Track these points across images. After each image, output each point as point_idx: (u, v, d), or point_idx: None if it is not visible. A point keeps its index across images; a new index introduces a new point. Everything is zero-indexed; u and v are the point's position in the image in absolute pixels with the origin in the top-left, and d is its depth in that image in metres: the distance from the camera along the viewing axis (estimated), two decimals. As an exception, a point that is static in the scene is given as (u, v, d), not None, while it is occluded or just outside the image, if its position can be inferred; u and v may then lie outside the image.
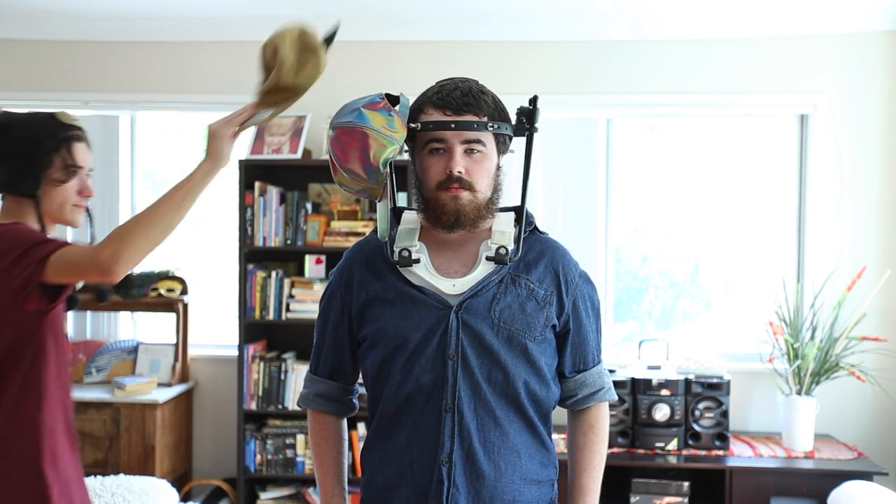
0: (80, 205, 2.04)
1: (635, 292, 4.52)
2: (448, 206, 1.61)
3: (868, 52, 4.09)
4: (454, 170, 1.59)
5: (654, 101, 4.21)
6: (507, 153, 1.71)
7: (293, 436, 3.98)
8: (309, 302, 3.98)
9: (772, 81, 4.14)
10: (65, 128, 1.96)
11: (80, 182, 2.02)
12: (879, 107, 4.09)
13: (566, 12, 4.06)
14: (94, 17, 4.22)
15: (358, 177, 1.61)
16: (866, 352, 3.94)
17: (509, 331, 1.62)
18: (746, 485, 3.61)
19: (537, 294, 1.65)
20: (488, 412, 1.61)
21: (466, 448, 1.60)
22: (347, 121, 1.60)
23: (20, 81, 4.40)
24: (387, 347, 1.64)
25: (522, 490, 1.64)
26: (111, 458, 3.96)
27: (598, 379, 1.74)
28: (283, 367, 4.01)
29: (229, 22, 4.22)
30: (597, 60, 4.21)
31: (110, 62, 4.37)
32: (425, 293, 1.63)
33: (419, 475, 1.61)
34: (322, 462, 1.77)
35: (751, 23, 4.08)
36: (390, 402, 1.65)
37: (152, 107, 4.43)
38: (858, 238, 4.10)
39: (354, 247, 1.76)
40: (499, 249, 1.62)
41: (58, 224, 2.03)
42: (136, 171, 4.54)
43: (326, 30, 1.76)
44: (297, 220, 4.00)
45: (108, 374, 4.26)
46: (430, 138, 1.61)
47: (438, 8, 4.00)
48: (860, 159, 4.11)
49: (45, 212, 1.96)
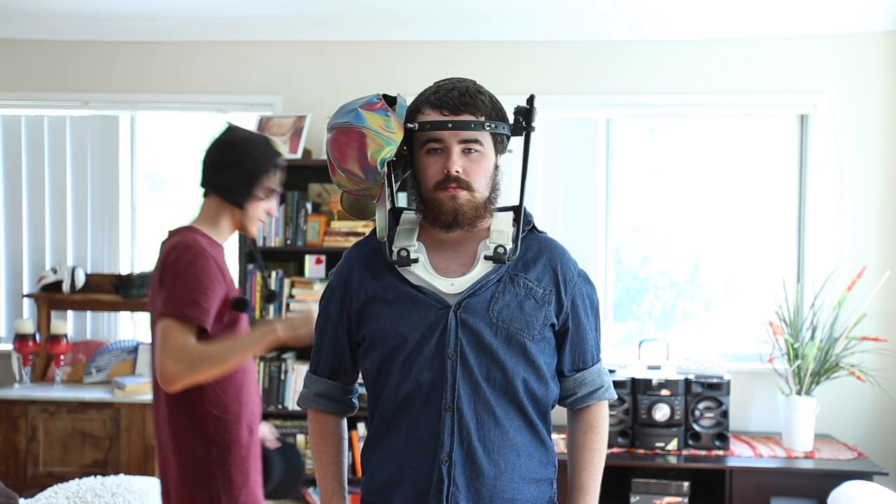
0: (263, 221, 2.31)
1: (635, 292, 4.52)
2: (446, 206, 1.61)
3: (868, 52, 4.09)
4: (451, 169, 1.60)
5: (654, 101, 4.20)
6: (505, 153, 1.71)
7: (293, 436, 3.98)
8: (309, 302, 3.98)
9: (772, 81, 4.13)
10: (277, 154, 2.27)
11: (270, 203, 2.30)
12: (879, 107, 4.09)
13: (566, 12, 4.06)
14: (94, 17, 4.23)
15: (356, 176, 1.62)
16: (866, 352, 3.94)
17: (508, 330, 1.62)
18: (746, 485, 3.61)
19: (536, 293, 1.66)
20: (487, 411, 1.61)
21: (466, 447, 1.60)
22: (345, 121, 1.61)
23: (20, 81, 4.40)
24: (386, 347, 1.64)
25: (522, 488, 1.64)
26: (111, 458, 3.96)
27: (597, 378, 1.74)
28: (283, 367, 4.01)
29: (229, 22, 4.23)
30: (597, 60, 4.21)
31: (110, 62, 4.37)
32: (424, 293, 1.63)
33: (419, 474, 1.61)
34: (322, 461, 1.77)
35: (751, 23, 4.08)
36: (389, 402, 1.65)
37: (152, 107, 4.43)
38: (858, 238, 4.10)
39: (353, 247, 1.77)
40: (497, 249, 1.62)
41: (238, 231, 2.31)
42: (136, 171, 4.54)
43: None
44: (297, 220, 4.00)
45: (108, 374, 4.26)
46: (428, 138, 1.62)
47: (438, 8, 4.00)
48: (860, 159, 4.11)
49: (240, 221, 2.25)
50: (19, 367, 4.18)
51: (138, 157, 4.54)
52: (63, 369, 4.24)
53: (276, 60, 4.32)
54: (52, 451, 3.98)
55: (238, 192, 2.20)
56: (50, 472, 3.96)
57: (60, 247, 4.48)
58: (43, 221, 4.49)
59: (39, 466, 3.98)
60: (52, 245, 4.50)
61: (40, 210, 4.49)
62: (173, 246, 2.17)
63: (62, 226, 4.48)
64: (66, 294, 4.27)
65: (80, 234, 4.49)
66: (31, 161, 4.49)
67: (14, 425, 3.99)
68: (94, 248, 4.48)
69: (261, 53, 4.32)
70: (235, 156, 2.19)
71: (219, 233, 2.27)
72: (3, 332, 4.57)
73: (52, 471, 3.96)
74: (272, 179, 2.24)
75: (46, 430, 3.98)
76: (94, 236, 4.48)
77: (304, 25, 4.23)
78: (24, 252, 4.52)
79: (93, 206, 4.48)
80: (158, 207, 4.66)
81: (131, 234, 4.55)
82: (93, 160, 4.47)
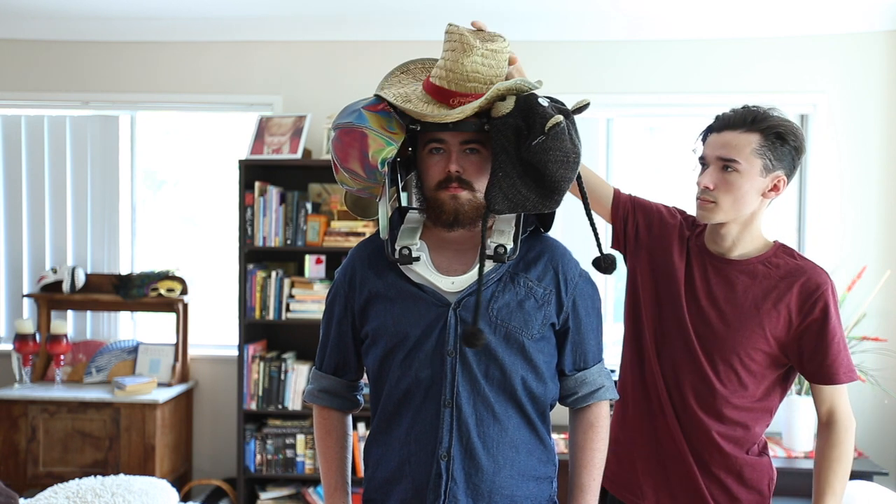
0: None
1: (635, 292, 4.52)
2: (447, 206, 1.63)
3: (868, 52, 4.09)
4: (452, 169, 1.61)
5: (654, 101, 4.21)
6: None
7: (293, 436, 3.98)
8: (309, 302, 3.98)
9: (771, 81, 4.14)
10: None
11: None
12: (879, 107, 4.10)
13: (566, 12, 4.06)
14: (94, 17, 4.23)
15: (357, 176, 1.64)
16: (866, 352, 3.94)
17: (507, 328, 1.63)
18: (746, 485, 3.60)
19: (536, 292, 1.66)
20: (487, 407, 1.62)
21: (465, 442, 1.61)
22: (347, 121, 1.64)
23: (20, 81, 4.40)
24: (387, 344, 1.66)
25: (521, 485, 1.65)
26: (111, 458, 3.96)
27: (598, 377, 1.75)
28: (283, 367, 4.01)
29: (229, 22, 4.23)
30: (597, 60, 4.22)
31: (110, 62, 4.37)
32: (425, 290, 1.65)
33: (417, 469, 1.63)
34: (326, 457, 1.79)
35: (751, 23, 4.08)
36: (390, 398, 1.67)
37: (152, 107, 4.43)
38: (858, 238, 4.10)
39: (358, 245, 1.80)
40: (497, 248, 1.63)
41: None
42: (136, 171, 4.54)
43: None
44: (297, 220, 4.00)
45: (108, 374, 4.27)
46: (430, 139, 1.64)
47: (439, 8, 4.00)
48: (860, 159, 4.11)
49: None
50: (19, 367, 4.18)
51: (138, 157, 4.55)
52: (63, 369, 4.24)
53: (276, 60, 4.32)
54: (52, 451, 3.98)
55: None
56: (50, 472, 3.97)
57: (60, 247, 4.49)
58: (43, 221, 4.49)
59: (39, 466, 3.98)
60: (52, 245, 4.50)
61: (40, 210, 4.49)
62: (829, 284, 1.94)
63: (62, 226, 4.48)
64: (66, 294, 4.27)
65: (80, 234, 4.49)
66: (31, 161, 4.49)
67: (14, 425, 3.99)
68: (94, 248, 4.48)
69: (261, 53, 4.32)
70: (795, 147, 1.92)
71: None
72: (3, 332, 4.57)
73: (52, 471, 3.96)
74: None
75: (46, 430, 3.98)
76: (94, 236, 4.48)
77: (304, 25, 4.23)
78: (24, 252, 4.52)
79: (93, 206, 4.48)
80: (158, 207, 4.65)
81: (131, 234, 4.55)
82: (93, 160, 4.47)
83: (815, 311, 1.89)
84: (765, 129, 1.86)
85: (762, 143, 1.86)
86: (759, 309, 1.91)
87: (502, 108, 1.57)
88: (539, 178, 1.56)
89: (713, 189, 1.90)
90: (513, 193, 1.57)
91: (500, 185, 1.56)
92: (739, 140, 1.87)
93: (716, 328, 1.93)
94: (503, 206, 1.57)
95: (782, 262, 1.95)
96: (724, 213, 1.91)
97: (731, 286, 1.94)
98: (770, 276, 1.92)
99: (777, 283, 1.91)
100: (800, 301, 1.90)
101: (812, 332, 1.89)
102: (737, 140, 1.87)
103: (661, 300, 2.01)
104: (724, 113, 1.94)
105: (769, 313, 1.90)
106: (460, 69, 1.57)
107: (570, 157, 1.56)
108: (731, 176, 1.88)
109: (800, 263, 1.95)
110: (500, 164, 1.56)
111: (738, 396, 1.95)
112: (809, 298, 1.89)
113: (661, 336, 2.00)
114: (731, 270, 1.96)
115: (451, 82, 1.59)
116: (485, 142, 1.63)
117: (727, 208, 1.90)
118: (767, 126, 1.87)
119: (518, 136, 1.55)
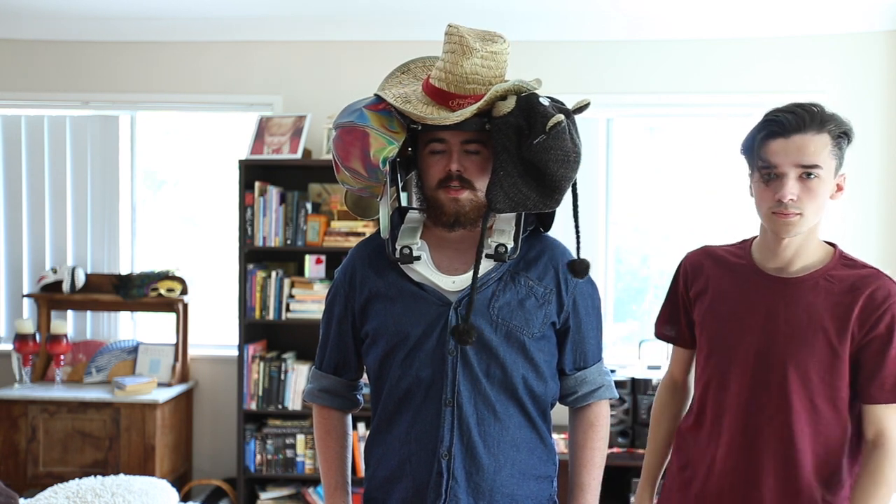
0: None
1: (635, 292, 4.52)
2: (448, 206, 1.64)
3: (868, 52, 4.09)
4: (453, 168, 1.61)
5: (654, 101, 4.21)
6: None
7: (293, 436, 3.98)
8: (309, 302, 3.98)
9: (772, 81, 4.14)
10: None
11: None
12: (879, 107, 4.10)
13: (566, 12, 4.06)
14: (94, 18, 4.23)
15: (359, 175, 1.65)
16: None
17: (507, 327, 1.63)
18: (746, 485, 3.60)
19: (536, 291, 1.67)
20: (488, 406, 1.62)
21: (466, 441, 1.61)
22: (349, 121, 1.64)
23: (20, 81, 4.40)
24: (388, 343, 1.66)
25: (521, 484, 1.65)
26: (111, 458, 3.96)
27: (598, 376, 1.75)
28: (283, 367, 4.01)
29: (229, 22, 4.23)
30: (597, 60, 4.21)
31: (110, 62, 4.37)
32: (425, 290, 1.65)
33: (418, 468, 1.63)
34: (326, 456, 1.79)
35: (751, 23, 4.08)
36: (390, 397, 1.67)
37: (152, 107, 4.43)
38: (858, 238, 4.10)
39: (358, 245, 1.79)
40: (498, 247, 1.63)
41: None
42: (136, 171, 4.54)
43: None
44: (297, 220, 4.00)
45: (108, 374, 4.26)
46: (431, 138, 1.64)
47: (439, 8, 4.00)
48: (860, 159, 4.11)
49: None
50: (19, 367, 4.18)
51: (138, 157, 4.54)
52: (63, 369, 4.24)
53: (276, 60, 4.32)
54: (52, 451, 3.98)
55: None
56: (50, 472, 3.96)
57: (60, 247, 4.48)
58: (43, 221, 4.49)
59: (39, 466, 3.98)
60: (52, 245, 4.50)
61: (40, 210, 4.49)
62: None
63: (62, 226, 4.48)
64: (66, 294, 4.26)
65: (80, 234, 4.49)
66: (31, 161, 4.48)
67: (14, 425, 3.99)
68: (94, 248, 4.48)
69: (261, 53, 4.32)
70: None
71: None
72: (3, 332, 4.57)
73: (52, 471, 3.96)
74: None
75: (46, 430, 3.98)
76: (94, 236, 4.48)
77: (304, 25, 4.23)
78: (24, 252, 4.52)
79: (93, 206, 4.47)
80: (158, 207, 4.65)
81: (131, 234, 4.54)
82: (93, 160, 4.46)
83: (880, 327, 1.70)
84: (832, 129, 1.72)
85: (832, 142, 1.71)
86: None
87: (503, 108, 1.58)
88: (540, 178, 1.56)
89: (796, 200, 1.71)
90: (514, 192, 1.57)
91: (502, 183, 1.56)
92: (816, 143, 1.70)
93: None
94: (504, 205, 1.57)
95: (843, 273, 1.77)
96: (808, 222, 1.74)
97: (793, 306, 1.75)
98: (832, 291, 1.74)
99: (840, 299, 1.73)
100: (862, 315, 1.71)
101: (874, 348, 1.71)
102: (814, 144, 1.70)
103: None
104: (783, 115, 1.73)
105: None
106: (459, 71, 1.57)
107: (571, 156, 1.56)
108: (813, 183, 1.71)
109: (862, 273, 1.77)
110: (502, 163, 1.57)
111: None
112: (875, 312, 1.71)
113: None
114: (791, 289, 1.77)
115: (450, 84, 1.59)
116: (485, 141, 1.63)
117: (811, 217, 1.74)
118: (835, 124, 1.72)
119: (519, 136, 1.55)
